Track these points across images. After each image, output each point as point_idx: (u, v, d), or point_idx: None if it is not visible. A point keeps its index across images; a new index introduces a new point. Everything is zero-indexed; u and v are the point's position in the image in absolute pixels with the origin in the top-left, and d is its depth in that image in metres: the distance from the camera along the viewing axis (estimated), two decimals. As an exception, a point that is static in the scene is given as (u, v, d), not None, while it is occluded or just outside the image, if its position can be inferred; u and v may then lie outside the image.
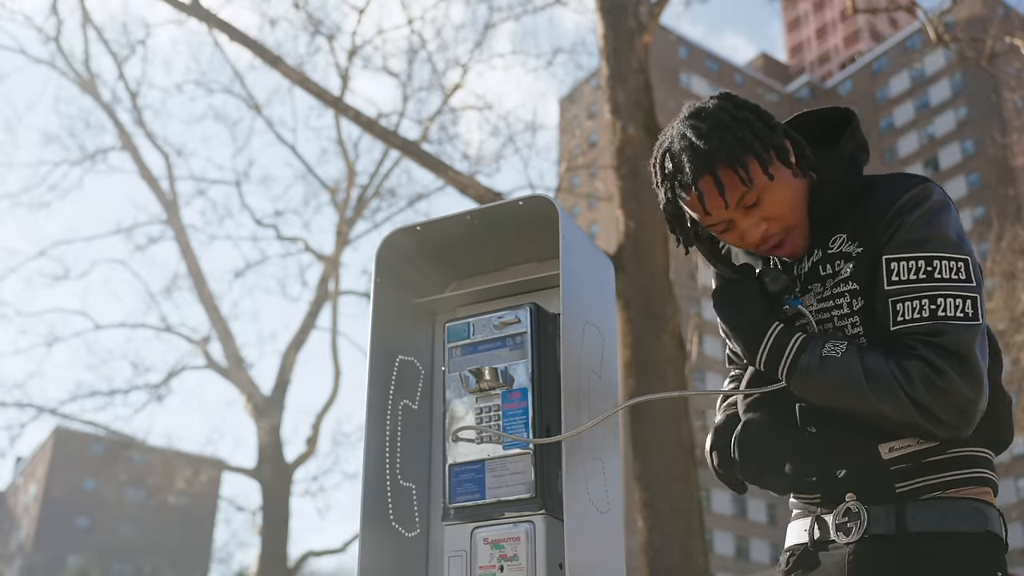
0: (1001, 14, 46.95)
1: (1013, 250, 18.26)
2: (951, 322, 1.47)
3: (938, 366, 1.45)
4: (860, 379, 1.48)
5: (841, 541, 1.57)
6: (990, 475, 1.61)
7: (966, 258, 1.51)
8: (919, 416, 1.47)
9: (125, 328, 22.60)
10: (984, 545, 1.54)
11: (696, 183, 1.58)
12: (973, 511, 1.54)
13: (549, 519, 1.80)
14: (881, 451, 1.55)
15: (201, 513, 55.72)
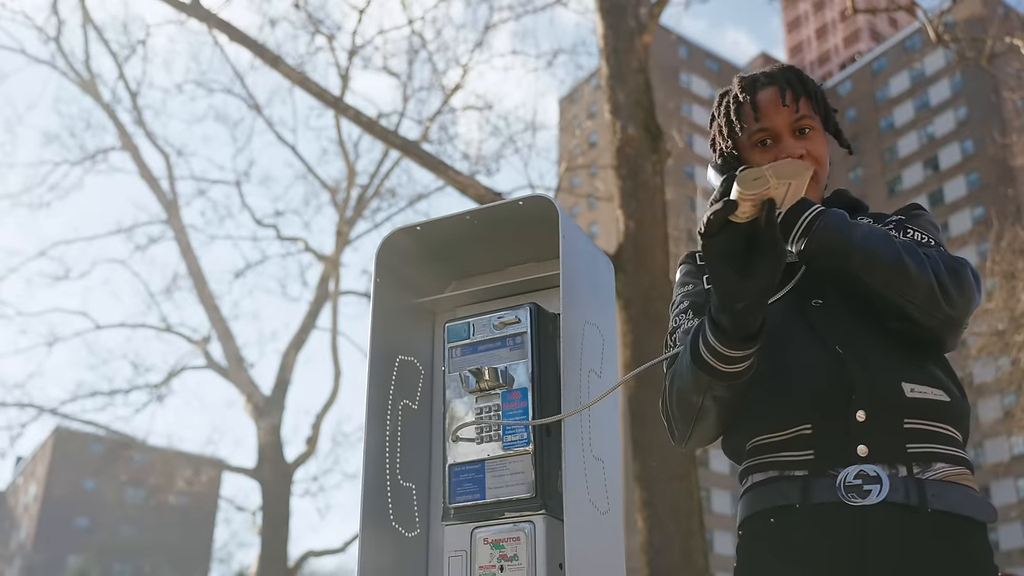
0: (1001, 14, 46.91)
1: (1013, 250, 18.25)
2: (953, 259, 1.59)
3: (957, 259, 1.58)
4: (888, 238, 1.56)
5: (855, 503, 1.46)
6: (966, 456, 1.61)
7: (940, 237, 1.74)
8: (937, 287, 1.52)
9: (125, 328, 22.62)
10: (988, 536, 1.55)
11: (768, 85, 1.74)
12: (983, 502, 1.54)
13: (549, 519, 1.80)
14: (904, 389, 1.51)
15: (201, 513, 55.74)
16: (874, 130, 67.89)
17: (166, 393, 18.96)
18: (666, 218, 7.91)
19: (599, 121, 45.65)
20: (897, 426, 1.49)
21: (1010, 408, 25.46)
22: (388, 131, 10.17)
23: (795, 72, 1.77)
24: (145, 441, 21.48)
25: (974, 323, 19.23)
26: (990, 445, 51.17)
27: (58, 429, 54.69)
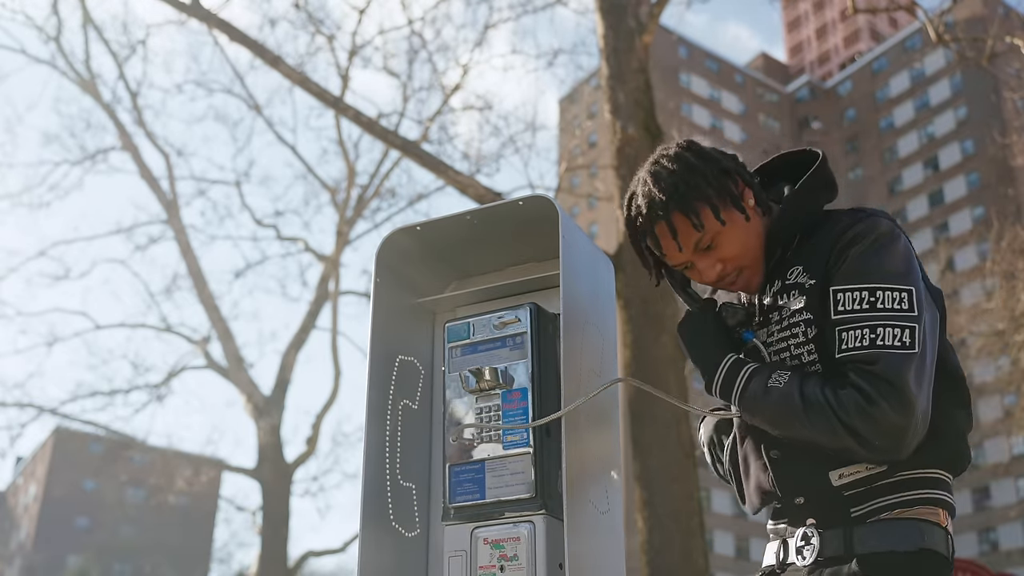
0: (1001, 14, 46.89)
1: (1013, 250, 18.24)
2: (886, 351, 1.54)
3: (868, 393, 1.52)
4: (798, 406, 1.57)
5: (800, 564, 1.67)
6: (942, 495, 1.65)
7: (910, 289, 1.59)
8: (853, 441, 1.54)
9: (125, 328, 22.61)
10: (921, 562, 1.59)
11: (653, 229, 1.72)
12: (912, 530, 1.60)
13: (549, 519, 1.80)
14: (831, 478, 1.65)
15: (201, 513, 55.72)
16: (874, 130, 67.88)
17: (166, 393, 18.97)
18: (666, 218, 7.90)
19: (599, 121, 45.61)
20: (836, 501, 1.65)
21: (1010, 408, 25.49)
22: (388, 131, 10.17)
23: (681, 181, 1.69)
24: (145, 441, 21.48)
25: (974, 323, 19.23)
26: (990, 445, 51.13)
27: (58, 429, 54.70)
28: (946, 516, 1.64)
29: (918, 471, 1.62)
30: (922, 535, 1.59)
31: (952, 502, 1.67)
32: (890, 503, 1.62)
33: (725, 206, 1.71)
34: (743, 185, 1.75)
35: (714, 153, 1.76)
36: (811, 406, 1.56)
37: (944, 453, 1.64)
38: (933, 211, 62.22)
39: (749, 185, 1.76)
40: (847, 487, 1.64)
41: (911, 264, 1.63)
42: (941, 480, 1.65)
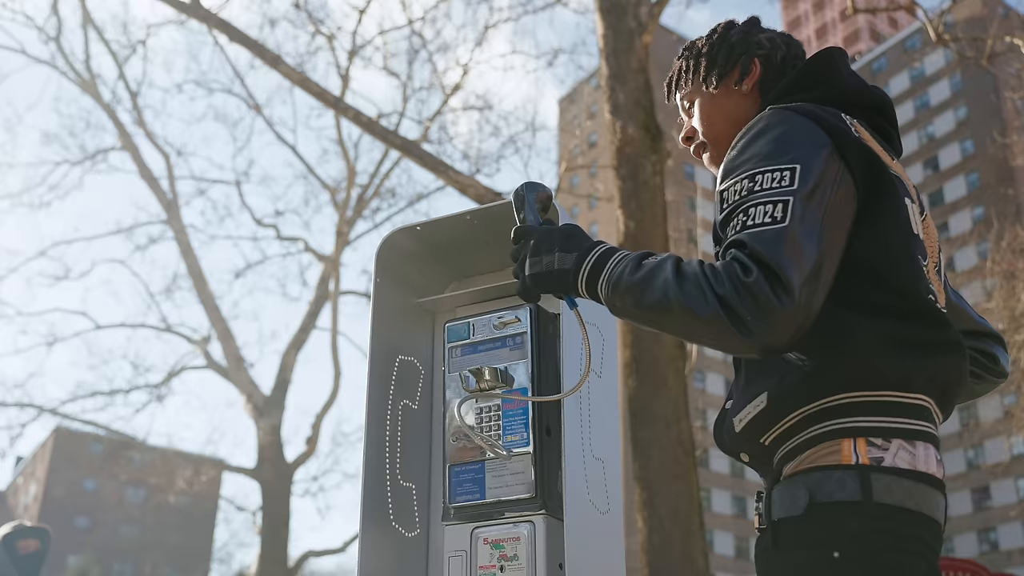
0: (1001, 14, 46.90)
1: (1013, 250, 18.25)
2: (755, 229, 1.34)
3: (745, 264, 1.31)
4: (670, 278, 1.35)
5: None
6: (851, 423, 1.35)
7: (793, 167, 1.36)
8: (725, 316, 1.29)
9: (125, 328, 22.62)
10: (809, 526, 1.34)
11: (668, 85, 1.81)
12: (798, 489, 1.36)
13: (549, 519, 1.80)
14: (735, 425, 1.45)
15: (201, 513, 55.72)
16: (874, 130, 67.86)
17: (166, 393, 18.96)
18: (666, 218, 7.91)
19: (599, 121, 45.60)
20: (764, 456, 1.44)
21: (1010, 408, 25.48)
22: (388, 131, 10.17)
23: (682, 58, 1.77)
24: (145, 441, 21.48)
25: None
26: (990, 445, 51.14)
27: (58, 429, 54.74)
28: (853, 445, 1.34)
29: (820, 402, 1.37)
30: (809, 491, 1.34)
31: (875, 424, 1.36)
32: (790, 450, 1.39)
33: (708, 77, 1.70)
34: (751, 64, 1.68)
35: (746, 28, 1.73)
36: (685, 278, 1.34)
37: (852, 370, 1.36)
38: (933, 211, 62.24)
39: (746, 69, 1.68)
40: (748, 433, 1.44)
41: (802, 143, 1.40)
42: (853, 405, 1.36)
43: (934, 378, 1.39)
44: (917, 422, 1.38)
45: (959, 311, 1.69)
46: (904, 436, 1.36)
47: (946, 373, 1.41)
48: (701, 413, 53.13)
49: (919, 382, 1.38)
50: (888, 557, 1.31)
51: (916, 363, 1.37)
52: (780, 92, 1.61)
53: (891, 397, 1.36)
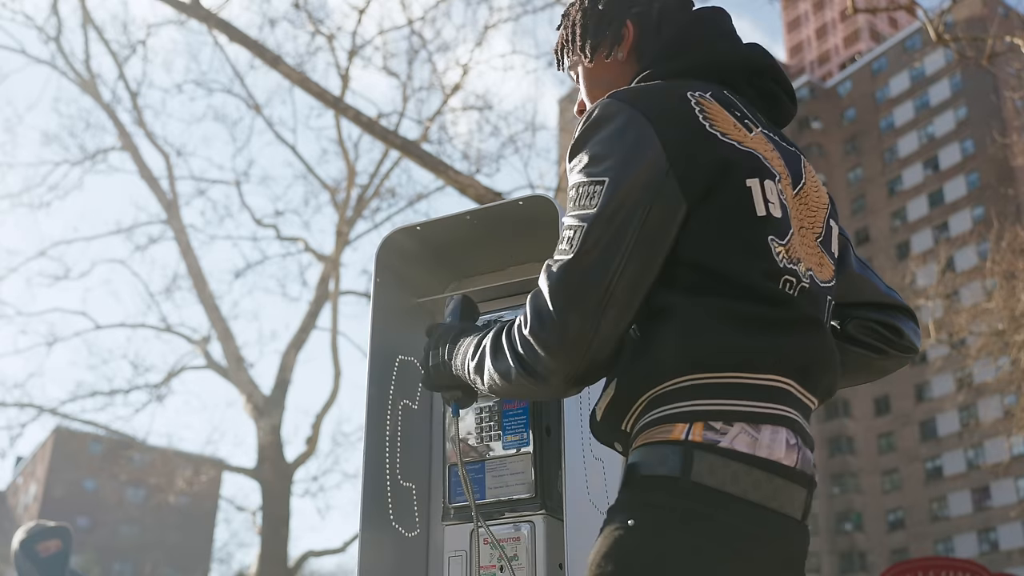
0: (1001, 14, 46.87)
1: (1013, 250, 18.24)
2: (553, 260, 1.31)
3: (527, 311, 1.30)
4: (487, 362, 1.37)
5: None
6: (689, 406, 1.27)
7: (603, 180, 1.29)
8: (525, 374, 1.30)
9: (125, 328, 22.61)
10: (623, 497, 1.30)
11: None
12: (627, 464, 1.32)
13: (549, 519, 1.80)
14: (597, 415, 1.40)
15: (201, 513, 55.74)
16: (874, 130, 67.87)
17: (166, 393, 18.95)
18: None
19: (599, 121, 45.24)
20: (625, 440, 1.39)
21: (1010, 408, 25.47)
22: (388, 131, 10.16)
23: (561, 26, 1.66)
24: (145, 441, 21.46)
25: (974, 323, 19.24)
26: (990, 445, 51.13)
27: (58, 429, 54.70)
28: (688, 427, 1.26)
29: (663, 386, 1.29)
30: (633, 465, 1.29)
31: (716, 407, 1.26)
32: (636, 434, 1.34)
33: (576, 44, 1.59)
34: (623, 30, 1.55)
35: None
36: (496, 352, 1.35)
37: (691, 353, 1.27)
38: (933, 211, 62.21)
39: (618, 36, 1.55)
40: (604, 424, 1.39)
41: (621, 149, 1.30)
42: (695, 387, 1.27)
43: (785, 358, 1.30)
44: (766, 405, 1.27)
45: (862, 282, 1.61)
46: (749, 419, 1.26)
47: (798, 352, 1.31)
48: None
49: (766, 362, 1.28)
50: (682, 538, 1.21)
51: (757, 343, 1.28)
52: (649, 62, 1.51)
53: (736, 379, 1.27)
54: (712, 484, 1.23)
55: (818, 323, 1.36)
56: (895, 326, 1.60)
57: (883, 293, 1.62)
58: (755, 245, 1.32)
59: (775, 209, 1.34)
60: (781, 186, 1.38)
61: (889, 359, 1.62)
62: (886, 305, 1.62)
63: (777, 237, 1.34)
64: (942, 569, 8.92)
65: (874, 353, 1.60)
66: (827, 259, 1.46)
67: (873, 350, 1.60)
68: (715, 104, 1.37)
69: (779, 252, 1.33)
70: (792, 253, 1.36)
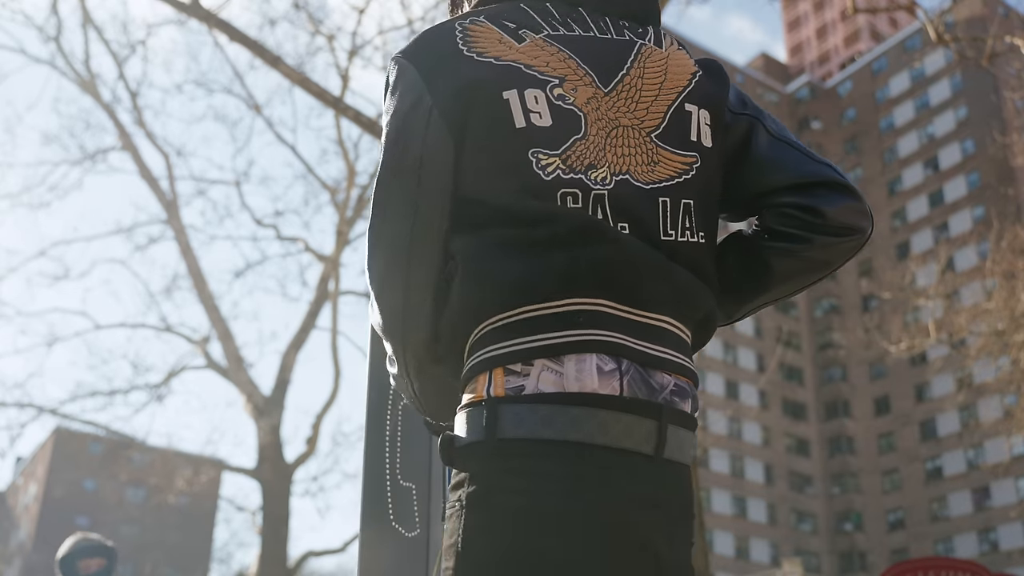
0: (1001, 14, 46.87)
1: (1013, 250, 18.25)
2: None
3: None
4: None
5: None
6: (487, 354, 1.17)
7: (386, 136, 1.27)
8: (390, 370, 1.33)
9: (125, 328, 22.62)
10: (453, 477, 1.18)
11: None
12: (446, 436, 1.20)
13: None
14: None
15: (201, 513, 55.74)
16: (874, 130, 67.89)
17: (166, 393, 18.96)
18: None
19: (599, 121, 45.28)
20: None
21: (1010, 408, 25.48)
22: (388, 131, 10.17)
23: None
24: (145, 441, 21.47)
25: (974, 323, 19.25)
26: (990, 445, 51.13)
27: (58, 429, 54.71)
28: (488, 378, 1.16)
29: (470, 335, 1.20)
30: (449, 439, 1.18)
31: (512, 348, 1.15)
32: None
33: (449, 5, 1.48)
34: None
35: None
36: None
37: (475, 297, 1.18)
38: (933, 211, 62.22)
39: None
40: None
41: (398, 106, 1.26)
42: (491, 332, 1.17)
43: (573, 276, 1.16)
44: (565, 333, 1.14)
45: (775, 165, 1.33)
46: (548, 354, 1.13)
47: (591, 267, 1.16)
48: (701, 413, 53.12)
49: (550, 287, 1.15)
50: (505, 499, 1.10)
51: (534, 269, 1.16)
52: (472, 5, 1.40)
53: (526, 313, 1.15)
54: (523, 435, 1.11)
55: (611, 230, 1.19)
56: (813, 207, 1.29)
57: (802, 171, 1.32)
58: (513, 163, 1.19)
59: (540, 118, 1.21)
60: (564, 89, 1.24)
61: (820, 248, 1.30)
62: (807, 184, 1.31)
63: (546, 148, 1.20)
64: (942, 569, 8.92)
65: (799, 244, 1.30)
66: (669, 153, 1.26)
67: (796, 240, 1.30)
68: (483, 25, 1.28)
69: (550, 164, 1.19)
70: (579, 160, 1.20)
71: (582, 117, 1.23)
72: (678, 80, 1.31)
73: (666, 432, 1.15)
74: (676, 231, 1.23)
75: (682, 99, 1.30)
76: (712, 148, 1.30)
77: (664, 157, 1.25)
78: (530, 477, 1.10)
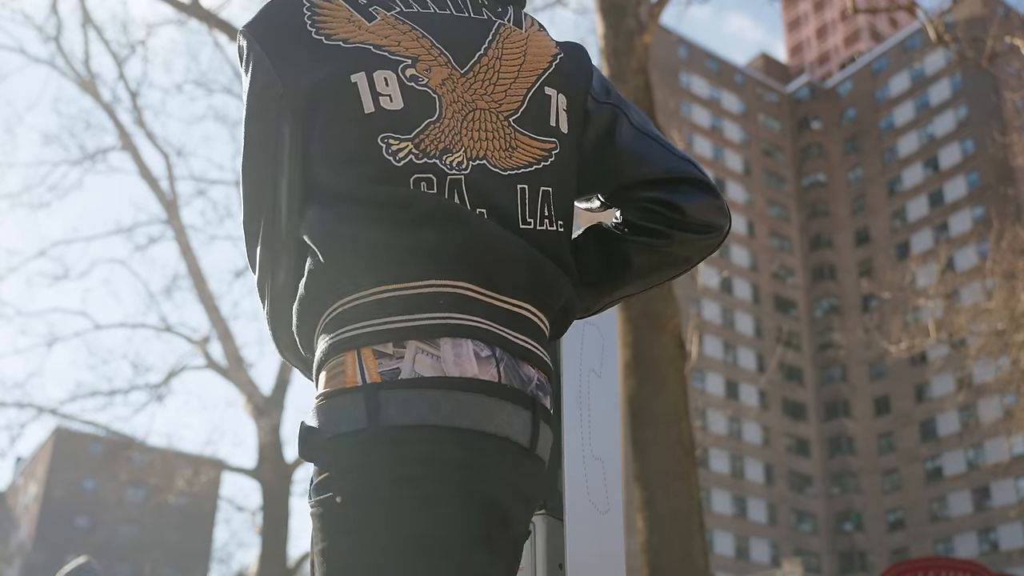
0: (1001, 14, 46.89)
1: (1013, 250, 18.25)
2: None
3: None
4: None
5: None
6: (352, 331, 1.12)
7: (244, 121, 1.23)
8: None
9: (125, 328, 22.63)
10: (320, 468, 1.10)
11: None
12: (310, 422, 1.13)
13: (549, 519, 1.80)
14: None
15: (201, 513, 55.77)
16: (874, 130, 67.90)
17: (166, 393, 18.96)
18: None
19: (599, 121, 45.39)
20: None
21: (1010, 408, 25.49)
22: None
23: None
24: (145, 441, 21.48)
25: (974, 323, 19.26)
26: (990, 445, 51.16)
27: (58, 429, 54.76)
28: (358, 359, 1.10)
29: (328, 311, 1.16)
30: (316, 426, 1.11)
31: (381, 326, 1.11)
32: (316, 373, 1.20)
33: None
34: None
35: None
36: None
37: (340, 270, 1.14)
38: (933, 211, 62.24)
39: None
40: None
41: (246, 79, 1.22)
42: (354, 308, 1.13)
43: (441, 255, 1.12)
44: (435, 315, 1.10)
45: (637, 158, 1.30)
46: (422, 336, 1.09)
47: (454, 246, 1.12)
48: (701, 413, 53.13)
49: (415, 265, 1.12)
50: (395, 490, 1.05)
51: (396, 246, 1.12)
52: None
53: (388, 292, 1.11)
54: (410, 422, 1.06)
55: (471, 214, 1.15)
56: (673, 203, 1.27)
57: (665, 167, 1.30)
58: (363, 150, 1.15)
59: (391, 101, 1.16)
60: (418, 70, 1.19)
61: (680, 244, 1.30)
62: (668, 180, 1.29)
63: (397, 132, 1.15)
64: (942, 569, 8.92)
65: (658, 239, 1.29)
66: (527, 139, 1.22)
67: (656, 235, 1.29)
68: (332, 2, 1.22)
69: (401, 149, 1.15)
70: (434, 144, 1.16)
71: (436, 99, 1.18)
72: (538, 63, 1.26)
73: (539, 426, 1.13)
74: (535, 219, 1.20)
75: (541, 82, 1.25)
76: (568, 135, 1.26)
77: (522, 143, 1.21)
78: (420, 466, 1.05)
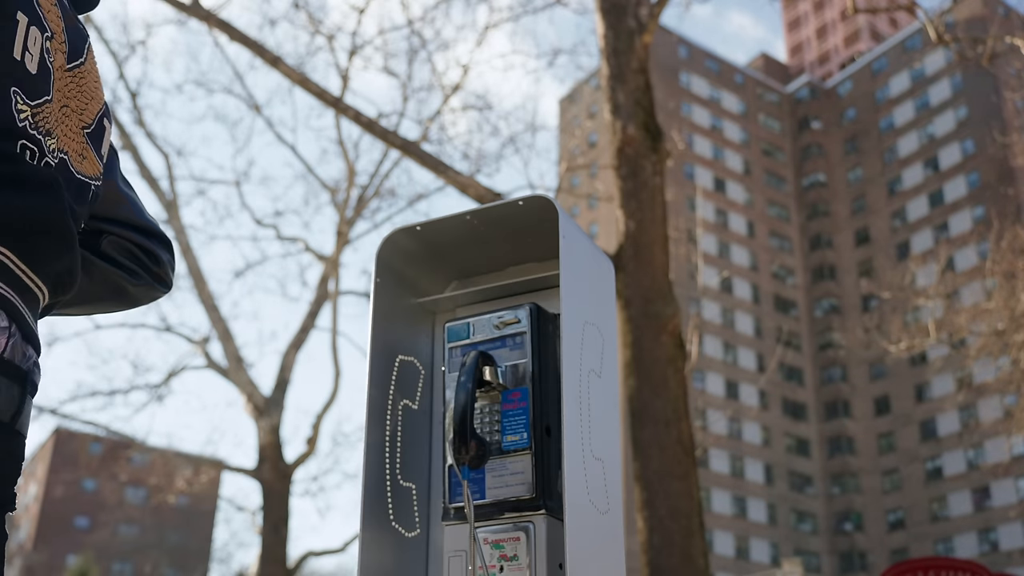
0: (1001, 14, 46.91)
1: (1013, 250, 18.25)
2: None
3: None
4: None
5: None
6: None
7: None
8: None
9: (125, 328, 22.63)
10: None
11: None
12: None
13: (549, 519, 1.80)
14: None
15: (201, 513, 55.78)
16: (874, 130, 67.88)
17: (166, 393, 18.96)
18: (666, 218, 7.92)
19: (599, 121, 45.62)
20: None
21: (1010, 408, 25.49)
22: (388, 131, 10.16)
23: None
24: (145, 441, 21.48)
25: (974, 323, 19.26)
26: (990, 445, 51.15)
27: (58, 429, 54.75)
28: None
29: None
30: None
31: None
32: None
33: None
34: None
35: None
36: None
37: None
38: (933, 211, 62.22)
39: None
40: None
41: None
42: None
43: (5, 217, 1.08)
44: None
45: (123, 200, 1.43)
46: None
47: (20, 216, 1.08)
48: (701, 413, 53.13)
49: None
50: None
51: None
52: None
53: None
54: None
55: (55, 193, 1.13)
56: (154, 253, 1.45)
57: (143, 218, 1.46)
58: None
59: (31, 63, 1.13)
60: (51, 45, 1.18)
61: (142, 288, 1.45)
62: (146, 230, 1.46)
63: (24, 93, 1.12)
64: (942, 569, 8.92)
65: (127, 275, 1.42)
66: (93, 154, 1.27)
67: (128, 272, 1.42)
68: None
69: (24, 111, 1.11)
70: (43, 122, 1.15)
71: (52, 83, 1.17)
72: (101, 93, 1.32)
73: (25, 402, 1.10)
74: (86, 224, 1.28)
75: (103, 112, 1.32)
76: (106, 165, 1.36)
77: (91, 156, 1.27)
78: None
